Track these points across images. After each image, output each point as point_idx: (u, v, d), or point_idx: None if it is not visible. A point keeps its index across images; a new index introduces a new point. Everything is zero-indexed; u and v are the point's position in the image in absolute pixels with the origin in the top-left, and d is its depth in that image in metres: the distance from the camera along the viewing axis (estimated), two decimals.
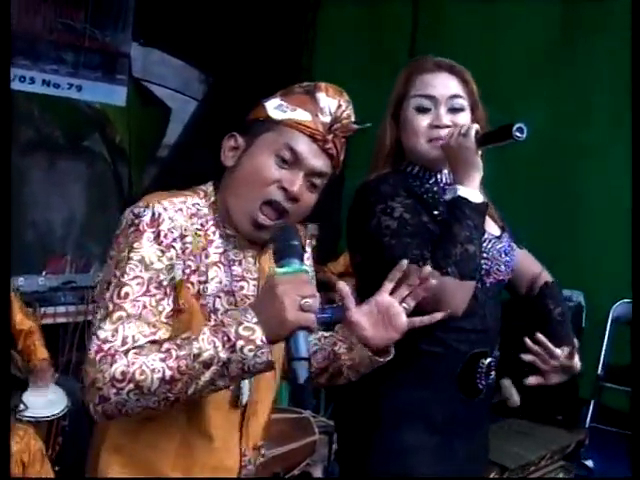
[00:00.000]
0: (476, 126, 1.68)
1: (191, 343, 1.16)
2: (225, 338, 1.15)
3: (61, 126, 4.66)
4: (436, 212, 1.68)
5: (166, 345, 1.18)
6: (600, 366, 4.50)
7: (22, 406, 2.71)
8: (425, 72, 1.73)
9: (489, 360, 1.74)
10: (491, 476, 3.39)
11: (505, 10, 4.90)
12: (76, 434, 3.35)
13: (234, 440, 1.39)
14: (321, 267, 4.94)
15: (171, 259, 1.26)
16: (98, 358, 1.16)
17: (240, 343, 1.15)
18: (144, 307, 1.21)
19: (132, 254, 1.23)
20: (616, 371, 4.35)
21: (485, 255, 1.70)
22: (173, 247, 1.26)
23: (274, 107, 1.35)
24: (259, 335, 1.15)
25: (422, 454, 1.68)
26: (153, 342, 1.19)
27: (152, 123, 4.91)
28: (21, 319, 3.34)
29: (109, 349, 1.17)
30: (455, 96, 1.72)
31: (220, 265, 1.32)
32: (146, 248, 1.23)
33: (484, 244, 1.70)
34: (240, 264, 1.36)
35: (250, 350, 1.15)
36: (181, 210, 1.29)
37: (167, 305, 1.25)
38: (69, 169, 4.68)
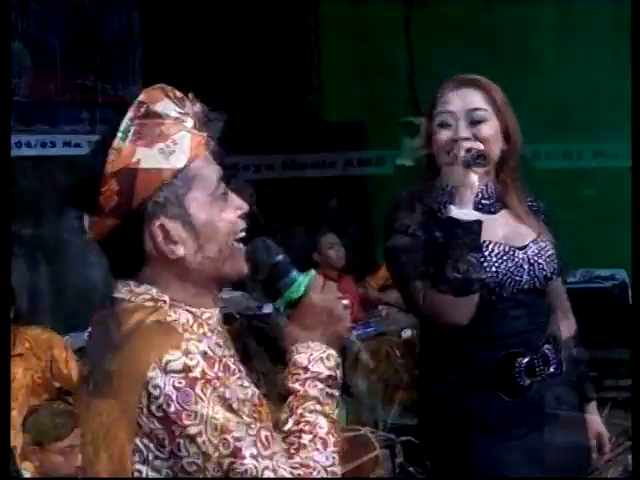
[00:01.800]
0: (467, 145, 1.69)
1: (324, 407, 1.19)
2: (331, 381, 1.22)
3: None
4: None
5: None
6: None
7: None
8: (448, 90, 1.77)
9: (527, 359, 1.72)
10: None
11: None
12: None
13: None
14: (362, 282, 4.91)
15: (239, 376, 1.15)
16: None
17: (337, 372, 1.24)
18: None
19: (222, 391, 1.08)
20: None
21: (494, 269, 1.71)
22: (227, 364, 1.13)
23: (160, 158, 1.12)
24: (334, 355, 1.24)
25: (480, 456, 1.71)
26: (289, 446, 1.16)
27: None
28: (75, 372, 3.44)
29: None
30: (475, 109, 1.74)
31: (227, 356, 1.17)
32: (226, 380, 1.10)
33: (493, 259, 1.71)
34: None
35: (340, 370, 1.24)
36: (195, 332, 1.14)
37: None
38: None
